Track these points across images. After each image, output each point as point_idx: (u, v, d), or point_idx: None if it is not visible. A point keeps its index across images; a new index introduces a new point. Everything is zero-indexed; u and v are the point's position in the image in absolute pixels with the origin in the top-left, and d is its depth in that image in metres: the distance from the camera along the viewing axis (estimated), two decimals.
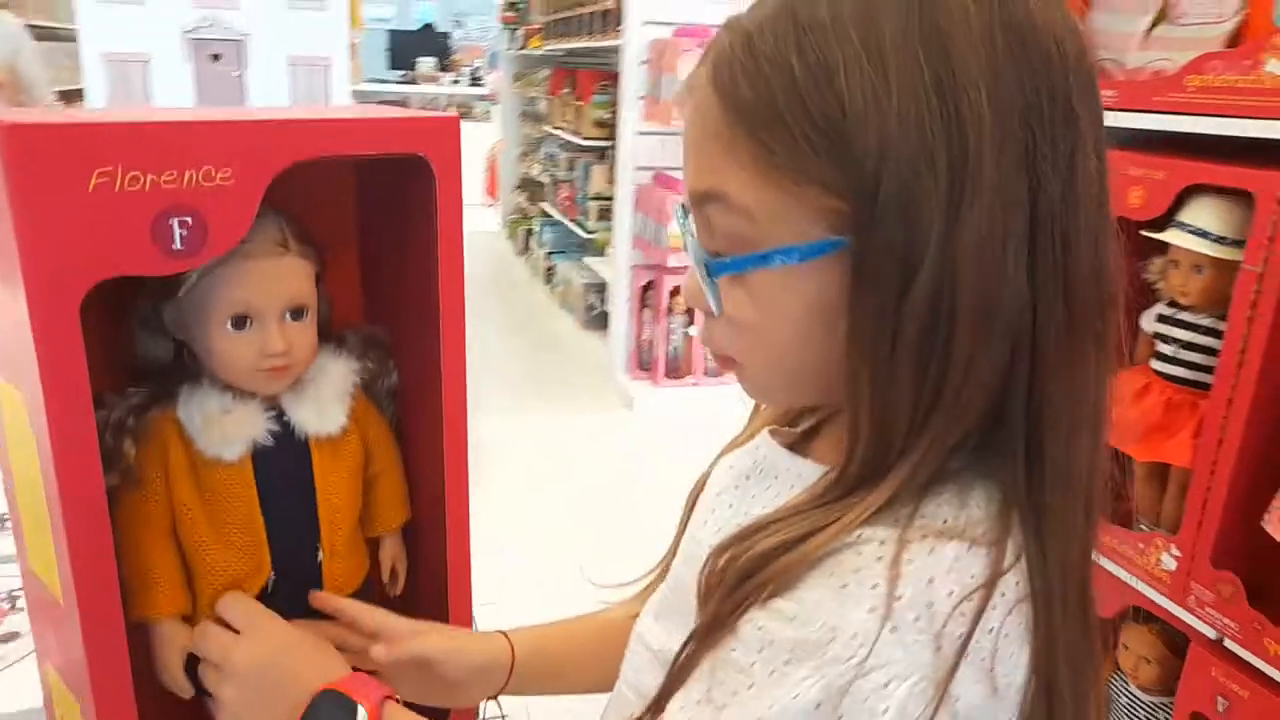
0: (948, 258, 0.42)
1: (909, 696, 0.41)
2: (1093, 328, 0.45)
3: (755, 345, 0.49)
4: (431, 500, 0.75)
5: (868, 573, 0.43)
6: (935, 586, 0.42)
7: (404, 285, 0.74)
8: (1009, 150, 0.42)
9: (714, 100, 0.46)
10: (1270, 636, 1.13)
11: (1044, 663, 0.45)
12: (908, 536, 0.43)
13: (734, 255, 0.47)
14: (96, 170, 0.50)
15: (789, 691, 0.42)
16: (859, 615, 0.42)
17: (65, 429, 0.52)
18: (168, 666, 0.62)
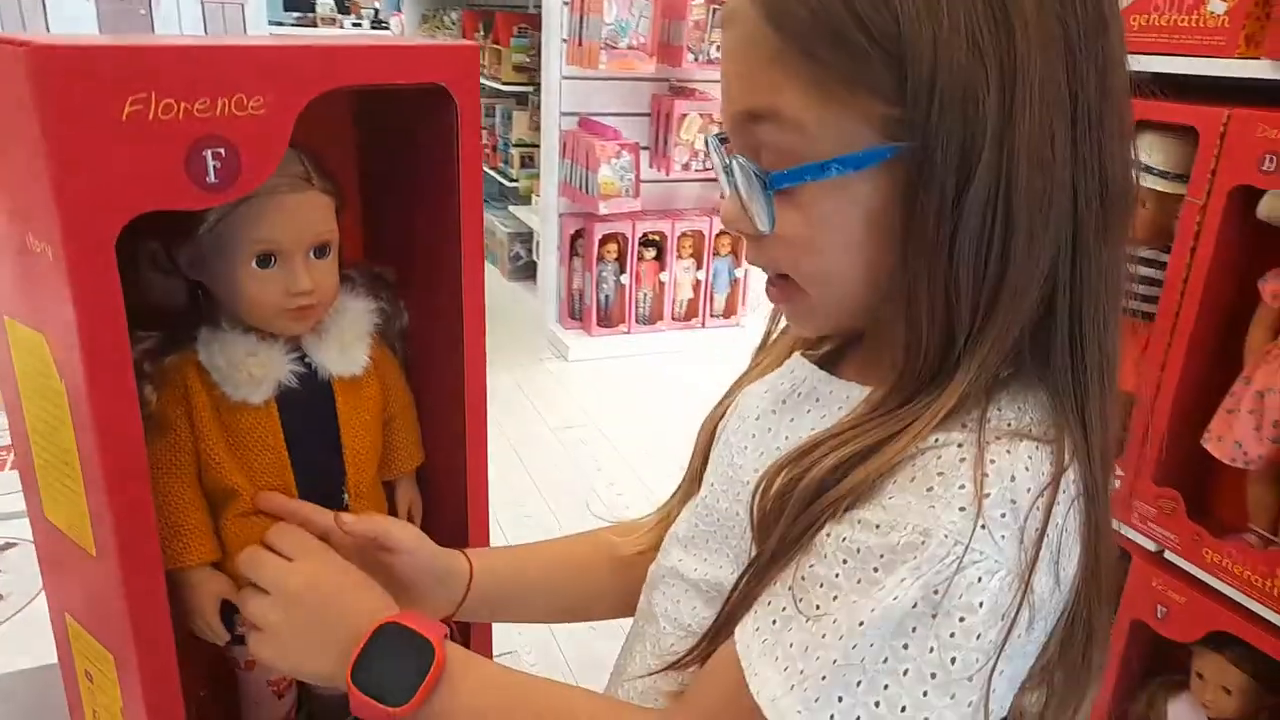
0: (1004, 155, 0.44)
1: (1000, 589, 0.43)
2: (1123, 220, 0.49)
3: (811, 260, 0.50)
4: (447, 444, 0.75)
5: (953, 474, 0.45)
6: (1017, 484, 0.45)
7: (414, 222, 0.72)
8: (1052, 49, 0.44)
9: (761, 22, 0.46)
10: (1209, 547, 1.22)
11: (1092, 558, 0.48)
12: (986, 438, 0.45)
13: (789, 168, 0.47)
14: (130, 97, 0.47)
15: (889, 593, 0.43)
16: (950, 516, 0.44)
17: (103, 374, 0.50)
18: (203, 612, 0.61)
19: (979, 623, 0.43)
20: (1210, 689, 1.22)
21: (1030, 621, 0.45)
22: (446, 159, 0.66)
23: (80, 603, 0.60)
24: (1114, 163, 0.47)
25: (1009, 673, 0.46)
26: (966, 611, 0.43)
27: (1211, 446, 1.23)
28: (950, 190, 0.45)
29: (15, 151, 0.48)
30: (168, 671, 0.56)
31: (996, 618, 0.43)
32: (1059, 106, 0.45)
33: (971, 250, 0.45)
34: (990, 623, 0.43)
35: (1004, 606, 0.44)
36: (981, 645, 0.43)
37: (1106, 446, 0.50)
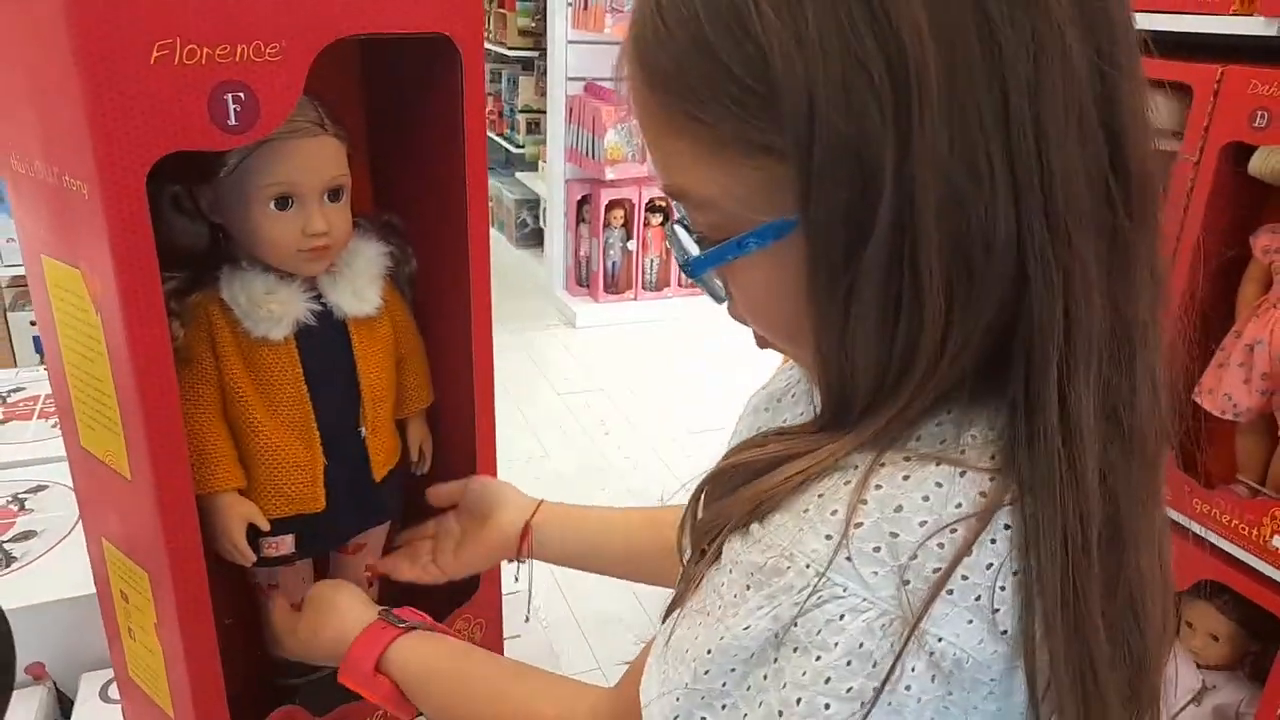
0: (904, 197, 0.36)
1: (865, 632, 0.38)
2: (1087, 238, 0.38)
3: (765, 322, 0.46)
4: (455, 384, 0.78)
5: (831, 498, 0.40)
6: (903, 515, 0.38)
7: (420, 171, 0.75)
8: (960, 49, 0.36)
9: (640, 79, 0.41)
10: (1198, 497, 1.25)
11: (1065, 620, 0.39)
12: (884, 459, 0.40)
13: (711, 245, 0.42)
14: (157, 42, 0.50)
15: (741, 621, 0.40)
16: (814, 543, 0.39)
17: (137, 305, 0.53)
18: (230, 534, 0.65)
19: (829, 666, 0.38)
20: (1199, 637, 1.26)
21: (946, 680, 0.38)
22: (452, 111, 0.69)
23: (116, 526, 0.64)
24: (1065, 165, 0.37)
25: None
26: (821, 650, 0.38)
27: (1202, 399, 1.26)
28: (839, 250, 0.38)
29: (54, 99, 0.52)
30: (199, 585, 0.60)
31: (859, 663, 0.38)
32: (977, 118, 0.36)
33: (871, 315, 0.39)
34: (846, 668, 0.38)
35: (872, 651, 0.38)
36: (833, 690, 0.38)
37: (1069, 505, 0.39)
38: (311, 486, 0.68)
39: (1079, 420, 0.39)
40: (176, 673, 0.63)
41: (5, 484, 1.02)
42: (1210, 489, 1.26)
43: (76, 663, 0.84)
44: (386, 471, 0.74)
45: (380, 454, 0.73)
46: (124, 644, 0.70)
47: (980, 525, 0.38)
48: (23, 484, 1.02)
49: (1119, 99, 0.39)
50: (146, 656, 0.67)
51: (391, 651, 0.65)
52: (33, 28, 0.52)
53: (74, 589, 0.83)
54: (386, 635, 0.66)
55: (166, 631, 0.62)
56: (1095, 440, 0.40)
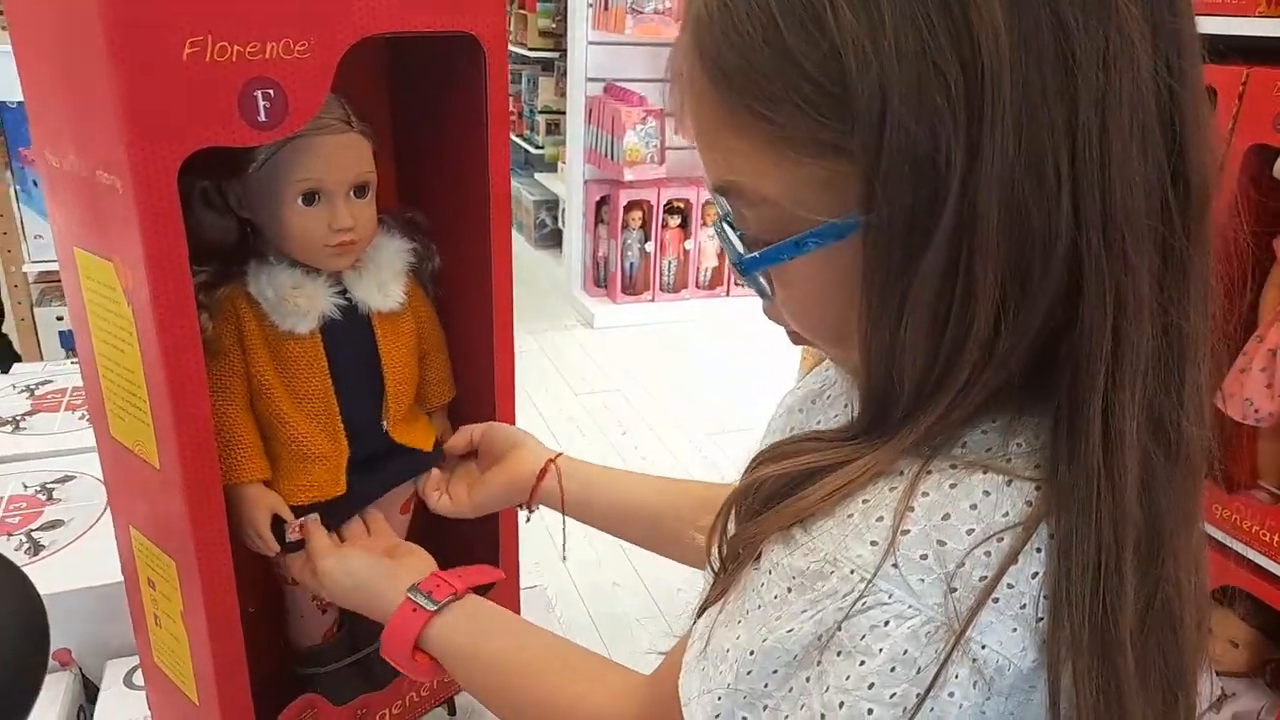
0: (969, 202, 0.36)
1: (910, 639, 0.38)
2: (1143, 253, 0.38)
3: (807, 322, 0.46)
4: (475, 381, 0.79)
5: (877, 504, 0.40)
6: (950, 522, 0.38)
7: (444, 168, 0.76)
8: (1035, 56, 0.35)
9: (702, 76, 0.41)
10: (1219, 503, 1.25)
11: (1094, 641, 0.39)
12: (931, 467, 0.40)
13: (766, 244, 0.42)
14: (189, 39, 0.51)
15: (785, 624, 0.40)
16: (860, 549, 0.39)
17: (168, 297, 0.54)
18: (256, 524, 0.66)
19: (873, 671, 0.38)
20: (1218, 643, 1.25)
21: (988, 687, 0.38)
22: (476, 110, 0.70)
23: (144, 514, 0.65)
24: (1124, 183, 0.37)
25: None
26: (865, 655, 0.38)
27: (1224, 404, 1.25)
28: (899, 256, 0.38)
29: (89, 94, 0.53)
30: (225, 572, 0.61)
31: (903, 669, 0.38)
32: (1045, 130, 0.36)
33: (923, 322, 0.39)
34: (890, 674, 0.38)
35: (916, 659, 0.38)
36: (876, 696, 0.38)
37: (1100, 524, 0.39)
38: (333, 476, 0.69)
39: (1121, 437, 0.39)
40: (201, 659, 0.64)
41: (34, 474, 1.04)
42: (1231, 494, 1.25)
43: (102, 649, 0.86)
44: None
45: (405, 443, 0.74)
46: (149, 631, 0.71)
47: (1026, 535, 0.38)
48: (51, 474, 1.04)
49: (1183, 112, 0.38)
50: (172, 643, 0.68)
51: (427, 634, 0.64)
52: (68, 25, 0.53)
53: (100, 577, 0.85)
54: (418, 620, 0.64)
55: (192, 618, 0.63)
56: (1136, 456, 0.40)
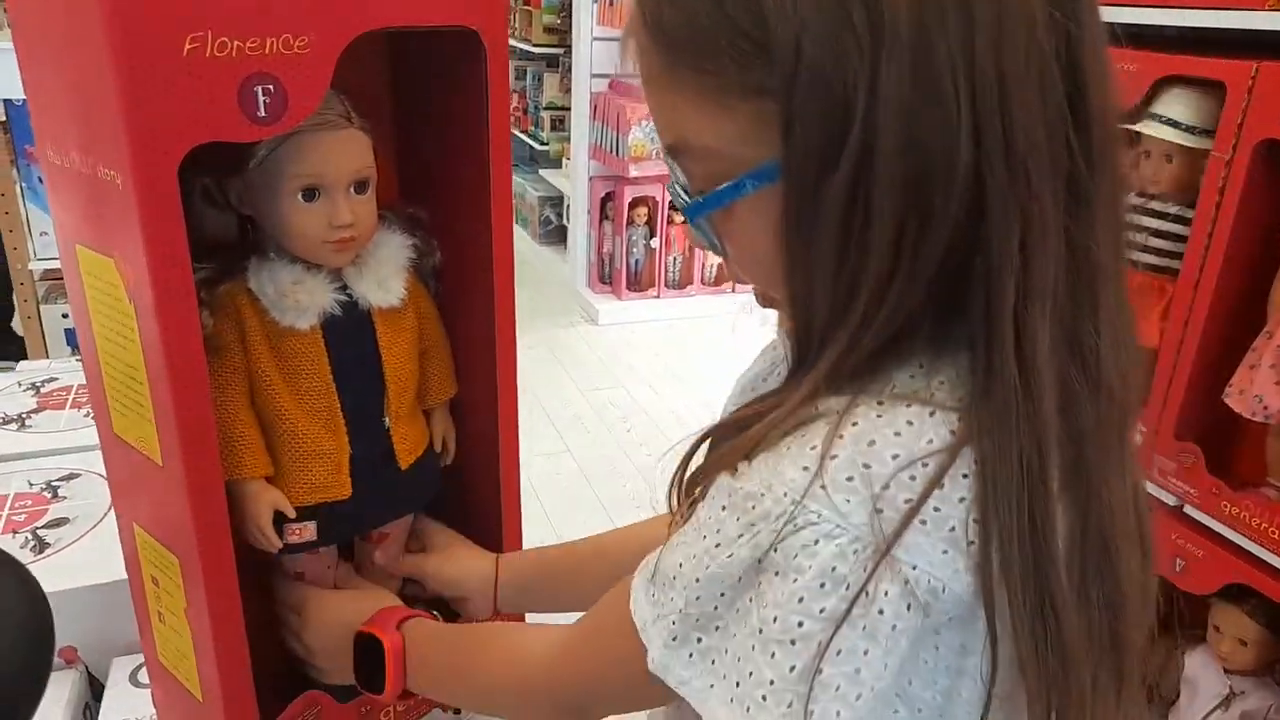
0: (869, 133, 0.39)
1: (837, 556, 0.40)
2: (1045, 180, 0.41)
3: (757, 271, 0.48)
4: (478, 378, 0.79)
5: (811, 434, 0.42)
6: (876, 449, 0.41)
7: (445, 164, 0.76)
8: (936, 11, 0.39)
9: (649, 41, 0.45)
10: (1227, 499, 1.24)
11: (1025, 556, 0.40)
12: (859, 400, 0.43)
13: (704, 194, 0.45)
14: (189, 35, 0.51)
15: (724, 550, 0.43)
16: (792, 473, 0.41)
17: (168, 293, 0.54)
18: (258, 521, 0.66)
19: (803, 587, 0.40)
20: (1226, 641, 1.24)
21: (924, 610, 0.40)
22: (477, 105, 0.70)
23: (147, 512, 0.65)
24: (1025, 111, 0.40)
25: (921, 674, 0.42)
26: (797, 573, 0.41)
27: (1232, 401, 1.24)
28: (810, 178, 0.41)
29: (89, 90, 0.53)
30: (228, 569, 0.61)
31: (831, 585, 0.40)
32: (943, 55, 0.39)
33: (831, 245, 0.42)
34: (820, 590, 0.40)
35: (845, 576, 0.40)
36: (807, 610, 0.40)
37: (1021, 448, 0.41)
38: (337, 474, 0.69)
39: (1035, 352, 0.41)
40: (205, 657, 0.64)
41: (38, 472, 1.04)
42: (1239, 491, 1.25)
43: (108, 647, 0.86)
44: (412, 460, 0.74)
45: (405, 443, 0.73)
46: (154, 629, 0.71)
47: (949, 459, 0.41)
48: (56, 472, 1.04)
49: (1080, 53, 0.41)
50: (176, 640, 0.68)
51: (413, 621, 0.69)
52: (69, 21, 0.53)
53: (105, 575, 0.85)
54: (416, 611, 0.71)
55: (196, 615, 0.63)
56: (1053, 374, 0.42)
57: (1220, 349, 1.27)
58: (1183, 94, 1.28)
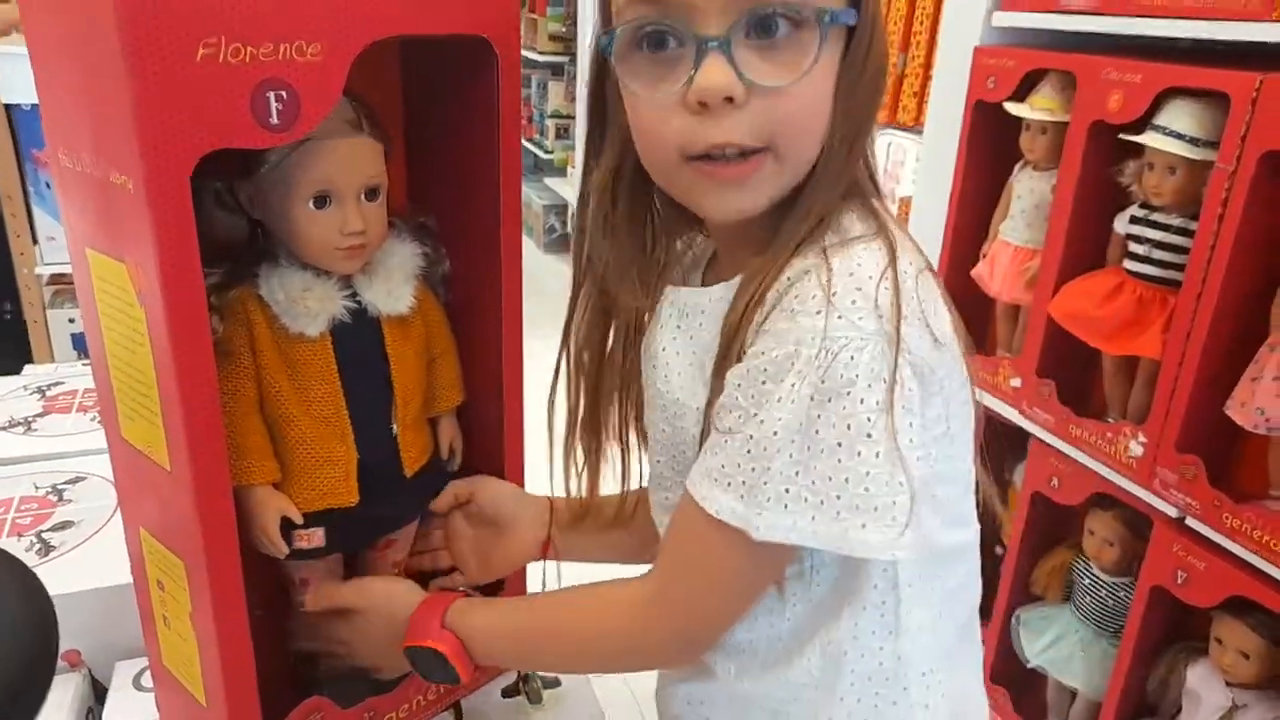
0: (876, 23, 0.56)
1: (872, 358, 0.50)
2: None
3: (811, 113, 0.55)
4: (486, 383, 0.79)
5: (806, 290, 0.52)
6: (859, 273, 0.52)
7: (455, 172, 0.76)
8: None
9: None
10: (1229, 512, 1.24)
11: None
12: (828, 254, 0.53)
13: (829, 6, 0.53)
14: (203, 41, 0.52)
15: (784, 403, 0.50)
16: (811, 321, 0.51)
17: (179, 298, 0.54)
18: (265, 526, 0.66)
19: (861, 389, 0.50)
20: (1229, 654, 1.24)
21: (923, 378, 0.52)
22: (488, 114, 0.70)
23: (154, 515, 0.65)
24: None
25: (932, 447, 0.53)
26: (849, 386, 0.50)
27: (1234, 413, 1.24)
28: (863, 53, 0.55)
29: (102, 94, 0.53)
30: (233, 574, 0.61)
31: (877, 380, 0.50)
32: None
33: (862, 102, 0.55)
34: (872, 385, 0.50)
35: (880, 371, 0.50)
36: (867, 407, 0.50)
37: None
38: (344, 481, 0.69)
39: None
40: (209, 661, 0.64)
41: (45, 475, 1.04)
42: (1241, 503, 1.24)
43: (111, 651, 0.86)
44: (418, 468, 0.75)
45: (411, 450, 0.74)
46: (158, 632, 0.71)
47: (896, 266, 0.53)
48: (62, 475, 1.04)
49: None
50: (180, 645, 0.68)
51: (452, 611, 0.68)
52: (82, 26, 0.53)
53: (110, 578, 0.85)
54: (446, 598, 0.70)
55: (200, 620, 0.63)
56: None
57: (1222, 361, 1.27)
58: (1186, 106, 1.28)
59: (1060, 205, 1.45)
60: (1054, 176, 1.46)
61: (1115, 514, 1.40)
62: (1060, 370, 1.45)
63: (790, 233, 0.55)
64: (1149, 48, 1.35)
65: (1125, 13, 1.34)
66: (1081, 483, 1.41)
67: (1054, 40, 1.46)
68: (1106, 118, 1.36)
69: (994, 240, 1.56)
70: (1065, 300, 1.43)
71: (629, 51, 0.55)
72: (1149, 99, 1.31)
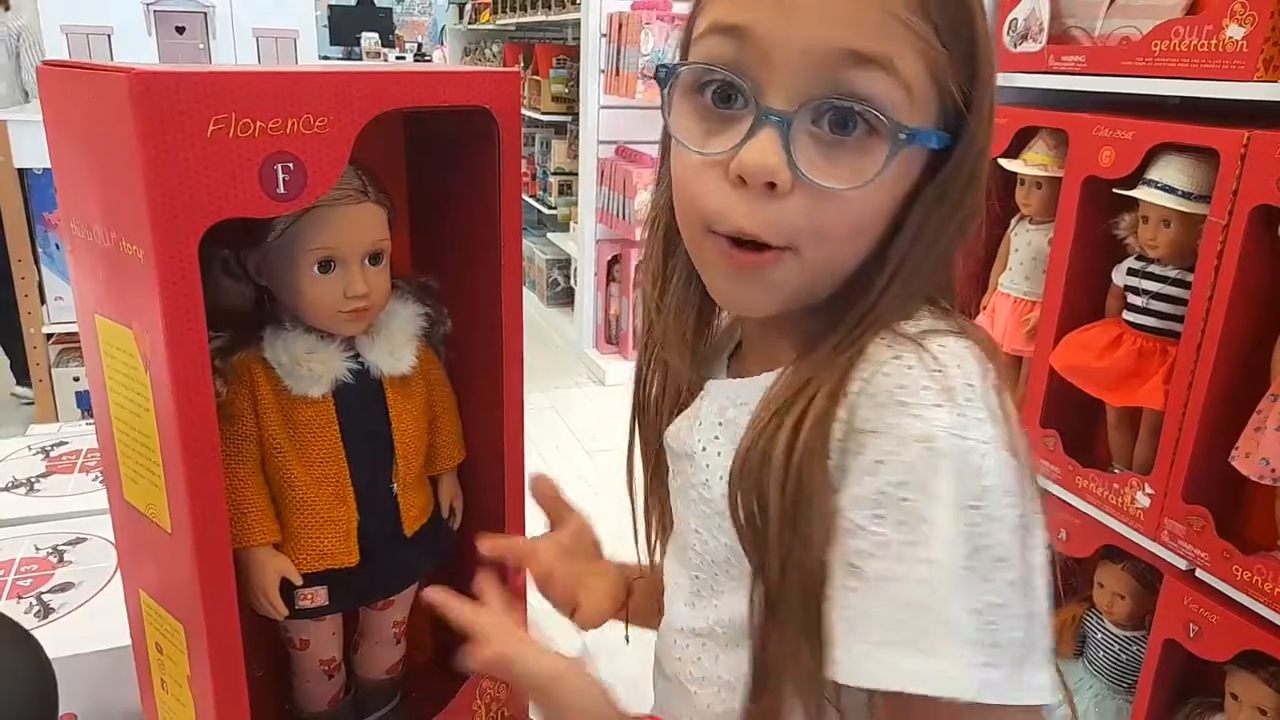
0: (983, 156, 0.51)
1: (998, 466, 0.43)
2: None
3: (853, 223, 0.48)
4: (486, 442, 0.80)
5: (911, 382, 0.44)
6: (965, 368, 0.45)
7: (458, 235, 0.78)
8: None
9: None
10: (1238, 564, 1.23)
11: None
12: (921, 341, 0.47)
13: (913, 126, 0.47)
14: (214, 117, 0.53)
15: (939, 526, 0.42)
16: (935, 415, 0.43)
17: (184, 364, 0.55)
18: (265, 588, 0.66)
19: (999, 502, 0.43)
20: (1245, 710, 1.22)
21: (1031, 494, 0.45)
22: (489, 178, 0.72)
23: (154, 578, 0.65)
24: None
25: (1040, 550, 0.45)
26: (985, 498, 0.43)
27: (1239, 463, 1.23)
28: (963, 182, 0.49)
29: (113, 166, 0.55)
30: (232, 638, 0.61)
31: (1009, 493, 0.43)
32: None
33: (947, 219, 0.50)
34: (1006, 497, 0.43)
35: (1009, 480, 0.43)
36: (1010, 523, 0.43)
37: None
38: (345, 541, 0.70)
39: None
40: None
41: (45, 536, 1.04)
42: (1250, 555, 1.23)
43: (108, 714, 0.85)
44: (417, 527, 0.75)
45: (411, 510, 0.74)
46: (156, 696, 0.71)
47: (994, 362, 0.48)
48: (62, 536, 1.04)
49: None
50: (178, 709, 0.67)
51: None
52: (98, 103, 0.55)
53: (108, 641, 0.84)
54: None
55: (199, 684, 0.63)
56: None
57: (1225, 410, 1.27)
58: (1176, 160, 1.30)
59: (1058, 258, 1.47)
60: (1050, 229, 1.48)
61: (1125, 566, 1.39)
62: (1064, 420, 1.46)
63: (849, 325, 0.49)
64: (1138, 105, 1.38)
65: (1115, 72, 1.37)
66: (1090, 535, 1.40)
67: (1045, 99, 1.49)
68: (1099, 173, 1.38)
69: (993, 292, 1.57)
70: (1065, 352, 1.44)
71: (689, 92, 0.49)
72: (1140, 155, 1.34)
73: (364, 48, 8.96)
